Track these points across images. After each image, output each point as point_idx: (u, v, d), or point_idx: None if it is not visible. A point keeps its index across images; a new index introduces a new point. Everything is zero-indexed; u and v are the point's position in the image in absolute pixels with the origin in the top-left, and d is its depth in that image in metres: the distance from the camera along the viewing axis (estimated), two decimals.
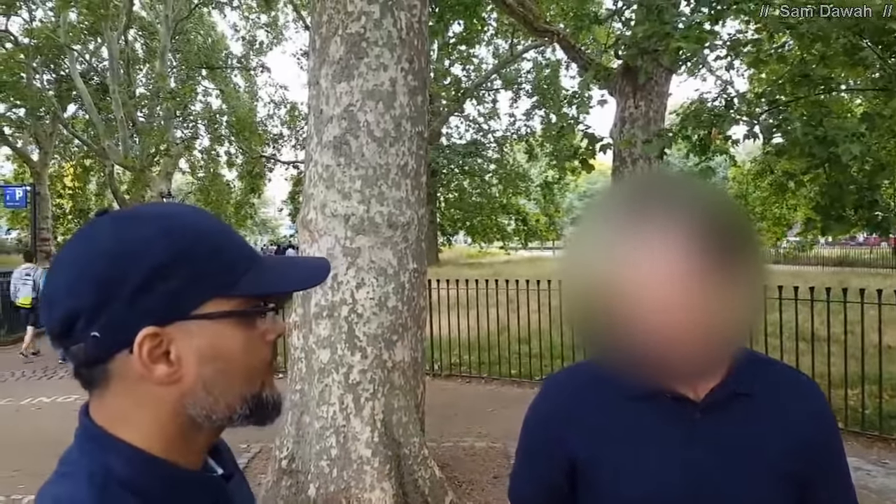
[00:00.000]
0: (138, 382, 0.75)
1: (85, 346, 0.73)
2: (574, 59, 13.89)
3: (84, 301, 0.72)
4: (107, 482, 0.72)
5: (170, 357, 0.74)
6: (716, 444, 1.07)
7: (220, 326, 0.77)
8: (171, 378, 0.75)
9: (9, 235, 42.53)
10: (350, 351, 4.17)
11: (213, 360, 0.76)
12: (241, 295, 0.78)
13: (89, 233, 0.77)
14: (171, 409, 0.76)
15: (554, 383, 1.28)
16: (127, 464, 0.74)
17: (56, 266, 0.76)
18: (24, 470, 5.30)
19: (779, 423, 1.10)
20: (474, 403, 7.28)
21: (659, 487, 1.08)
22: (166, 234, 0.75)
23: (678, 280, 0.92)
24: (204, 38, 29.32)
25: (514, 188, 28.71)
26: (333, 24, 4.29)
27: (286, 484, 4.28)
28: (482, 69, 26.76)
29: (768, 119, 7.43)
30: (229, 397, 0.78)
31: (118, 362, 0.74)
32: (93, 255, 0.74)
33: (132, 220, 0.78)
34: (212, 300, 0.76)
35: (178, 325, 0.74)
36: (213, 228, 0.80)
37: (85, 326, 0.72)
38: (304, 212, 4.46)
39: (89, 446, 0.76)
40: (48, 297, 0.75)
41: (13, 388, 8.82)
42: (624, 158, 11.05)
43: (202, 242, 0.77)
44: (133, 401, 0.76)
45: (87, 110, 23.87)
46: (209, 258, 0.77)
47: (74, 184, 36.06)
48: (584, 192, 45.97)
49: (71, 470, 0.75)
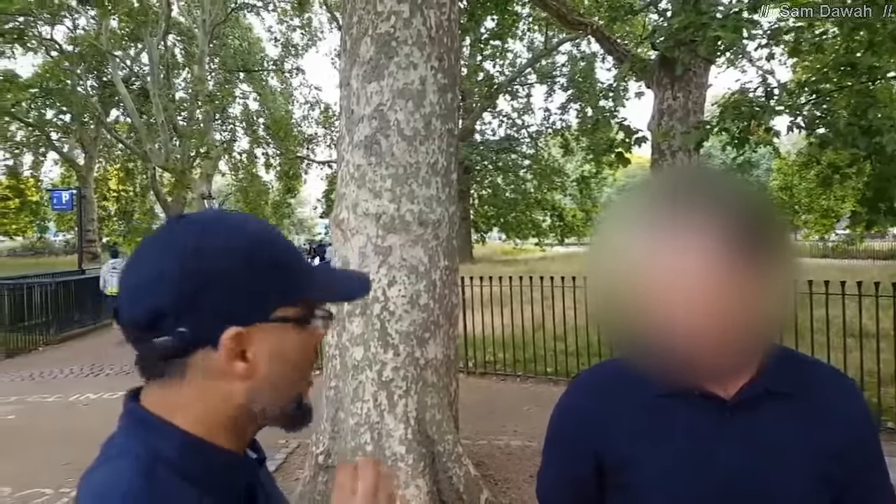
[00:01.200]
0: (213, 377, 0.81)
1: (171, 340, 0.77)
2: (609, 52, 13.75)
3: (174, 298, 0.77)
4: (154, 464, 0.77)
5: (246, 356, 0.81)
6: (748, 442, 1.05)
7: (286, 329, 0.84)
8: (246, 374, 0.81)
9: (57, 237, 43.65)
10: (383, 348, 4.19)
11: (278, 360, 0.83)
12: (307, 301, 0.86)
13: (175, 236, 0.82)
14: (237, 403, 0.83)
15: (580, 382, 1.26)
16: (174, 446, 0.79)
17: (137, 261, 0.81)
18: (73, 464, 5.44)
19: (814, 422, 1.07)
20: (509, 401, 7.25)
21: (689, 486, 1.06)
22: (250, 240, 0.82)
23: (708, 276, 0.91)
24: (240, 42, 29.70)
25: (549, 183, 28.45)
26: (363, 25, 4.31)
27: (323, 479, 4.32)
28: (516, 64, 26.60)
29: (812, 110, 7.26)
30: (285, 396, 0.86)
31: (199, 357, 0.80)
32: (185, 256, 0.78)
33: (224, 226, 0.83)
34: (282, 305, 0.83)
35: (256, 327, 0.81)
36: (280, 237, 0.88)
37: (174, 322, 0.77)
38: (336, 211, 4.49)
39: (137, 430, 0.81)
40: (131, 290, 0.79)
41: (62, 384, 9.06)
42: (663, 151, 10.90)
43: (279, 251, 0.85)
44: (200, 393, 0.81)
45: (130, 115, 24.38)
46: (285, 266, 0.84)
47: (119, 186, 36.91)
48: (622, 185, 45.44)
49: (119, 451, 0.79)
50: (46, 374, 9.86)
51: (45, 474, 5.36)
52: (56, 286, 13.10)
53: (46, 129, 29.37)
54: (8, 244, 40.58)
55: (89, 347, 11.81)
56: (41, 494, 5.01)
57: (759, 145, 8.21)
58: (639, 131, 8.90)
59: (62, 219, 35.75)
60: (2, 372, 10.14)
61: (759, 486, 1.04)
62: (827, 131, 6.82)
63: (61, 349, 12.04)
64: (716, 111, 7.65)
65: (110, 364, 10.17)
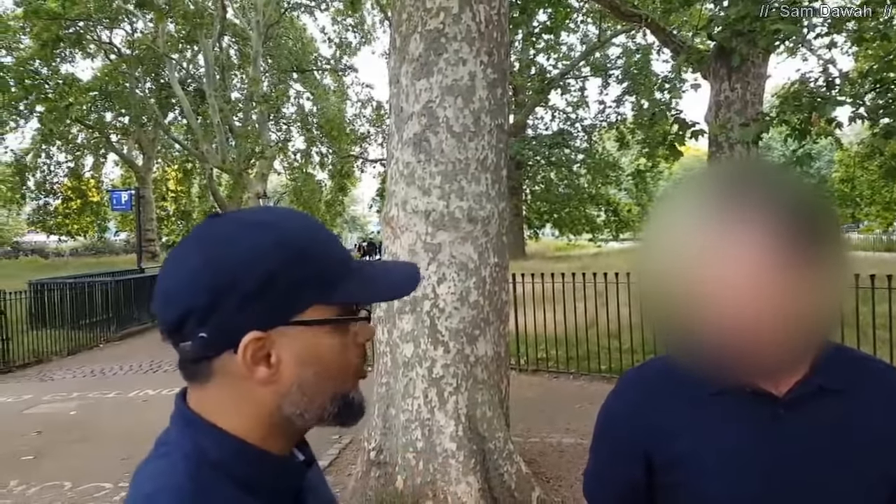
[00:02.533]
0: (239, 381, 0.79)
1: (193, 344, 0.77)
2: (665, 43, 13.52)
3: (198, 302, 0.75)
4: (200, 463, 0.77)
5: (270, 360, 0.78)
6: (801, 441, 1.03)
7: (318, 332, 0.80)
8: (270, 379, 0.79)
9: (117, 237, 44.97)
10: (433, 345, 4.19)
11: (309, 363, 0.80)
12: (337, 303, 0.82)
13: (205, 235, 0.81)
14: (268, 408, 0.81)
15: (629, 380, 1.24)
16: (220, 447, 0.79)
17: (172, 264, 0.80)
18: (131, 459, 5.59)
19: (869, 420, 1.04)
20: (562, 399, 7.19)
21: (741, 485, 1.04)
22: (278, 243, 0.78)
23: (760, 272, 0.88)
24: (294, 42, 30.10)
25: (603, 178, 28.09)
26: (413, 22, 4.31)
27: (375, 475, 4.34)
28: (570, 56, 26.32)
29: (875, 99, 7.01)
30: (322, 398, 0.82)
31: (222, 361, 0.78)
32: (209, 258, 0.77)
33: (245, 225, 0.81)
34: (311, 307, 0.80)
35: (279, 330, 0.78)
36: (318, 237, 0.84)
37: (195, 326, 0.76)
38: (386, 209, 4.51)
39: (186, 429, 0.81)
40: (165, 293, 0.79)
41: (121, 380, 9.32)
42: (721, 144, 10.67)
43: (308, 253, 0.80)
44: (232, 397, 0.80)
45: (186, 116, 24.98)
46: (313, 268, 0.80)
47: (177, 187, 37.86)
48: (678, 179, 44.74)
49: (168, 450, 0.80)
50: (107, 370, 10.15)
51: (105, 469, 5.51)
52: (116, 285, 13.48)
53: (106, 132, 30.29)
54: (70, 244, 41.98)
55: (148, 344, 12.10)
56: (100, 489, 5.15)
57: (821, 136, 7.96)
58: (695, 124, 8.71)
59: (124, 219, 36.83)
60: (64, 368, 10.47)
61: (813, 485, 1.02)
62: (891, 121, 6.56)
63: (121, 346, 12.39)
64: (775, 102, 7.44)
65: (168, 361, 10.41)
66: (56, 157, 33.12)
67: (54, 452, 6.06)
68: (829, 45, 7.97)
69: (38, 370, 10.43)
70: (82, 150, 33.54)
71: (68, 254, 41.05)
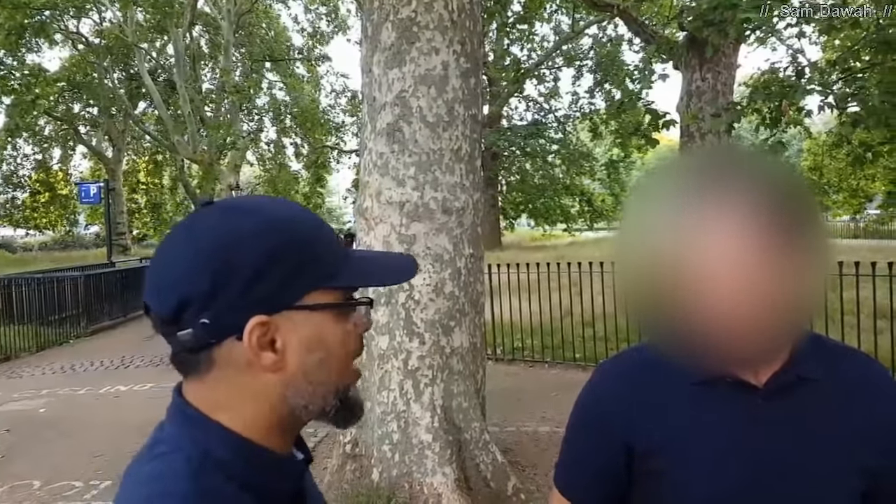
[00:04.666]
0: (243, 369, 0.77)
1: (194, 332, 0.74)
2: (637, 33, 13.57)
3: (197, 288, 0.73)
4: (203, 463, 0.74)
5: (275, 345, 0.76)
6: (780, 430, 1.03)
7: (321, 317, 0.79)
8: (276, 366, 0.77)
9: (87, 231, 44.30)
10: (408, 337, 4.18)
11: (314, 349, 0.79)
12: (340, 287, 0.81)
13: (198, 222, 0.79)
14: (273, 398, 0.79)
15: (606, 370, 1.23)
16: (224, 446, 0.76)
17: (163, 254, 0.78)
18: (103, 456, 5.52)
19: (846, 409, 1.05)
20: (538, 388, 7.22)
21: (722, 475, 1.03)
22: (276, 225, 0.77)
23: (740, 259, 0.88)
24: (267, 31, 29.78)
25: (577, 168, 28.22)
26: (384, 10, 4.27)
27: (350, 468, 4.33)
28: (543, 47, 26.34)
29: (843, 88, 7.10)
30: (326, 388, 0.81)
31: (224, 349, 0.76)
32: (205, 243, 0.75)
33: (242, 210, 0.80)
34: (314, 291, 0.78)
35: (284, 315, 0.76)
36: (314, 222, 0.83)
37: (196, 313, 0.74)
38: (360, 200, 4.48)
39: (187, 427, 0.78)
40: (157, 284, 0.76)
41: (92, 377, 9.18)
42: (692, 133, 10.76)
43: (308, 235, 0.80)
44: (235, 388, 0.78)
45: (157, 107, 24.66)
46: (313, 250, 0.79)
47: (148, 179, 37.36)
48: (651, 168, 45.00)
49: (167, 450, 0.76)
50: (77, 366, 9.99)
51: (75, 467, 5.42)
52: (86, 279, 13.27)
53: (74, 123, 29.79)
54: (39, 238, 41.27)
55: (119, 340, 11.96)
56: (71, 487, 5.07)
57: (790, 125, 8.05)
58: (666, 114, 8.76)
59: (93, 212, 36.27)
60: (33, 365, 10.30)
61: (793, 474, 1.02)
62: (859, 109, 6.65)
63: (91, 342, 12.20)
64: (745, 92, 7.51)
65: (140, 356, 10.30)
66: (23, 150, 32.53)
67: (24, 451, 5.96)
68: (798, 34, 8.06)
69: (6, 367, 10.25)
70: (50, 143, 32.96)
71: (37, 248, 40.37)
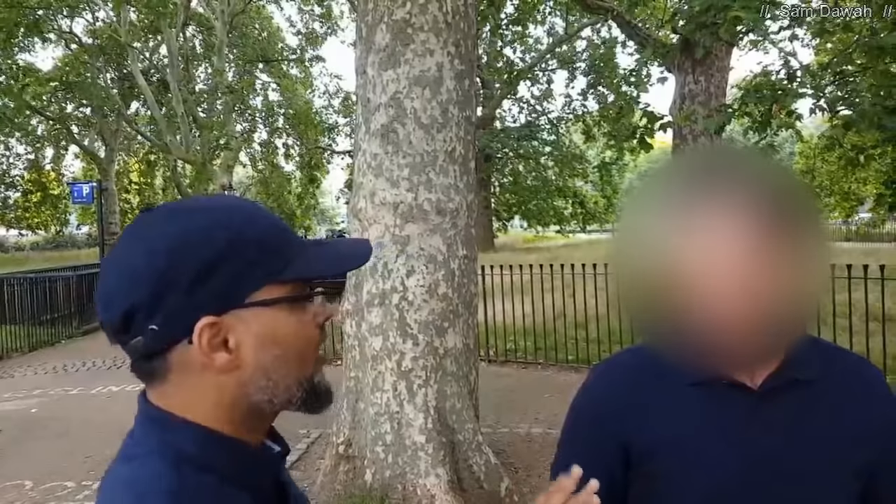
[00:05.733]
0: (199, 372, 0.76)
1: (144, 339, 0.74)
2: (630, 36, 13.60)
3: (141, 295, 0.73)
4: (178, 461, 0.74)
5: (228, 345, 0.76)
6: (775, 432, 1.03)
7: (274, 312, 0.78)
8: (231, 365, 0.76)
9: (79, 230, 44.07)
10: (402, 338, 4.18)
11: (269, 345, 0.78)
12: (291, 280, 0.80)
13: (139, 229, 0.78)
14: (233, 396, 0.78)
15: (602, 372, 1.24)
16: (195, 443, 0.76)
17: (110, 264, 0.78)
18: (95, 457, 5.50)
19: (841, 410, 1.06)
20: (531, 389, 7.23)
21: (717, 477, 1.04)
22: (216, 224, 0.77)
23: (737, 260, 0.88)
24: (259, 32, 29.70)
25: (570, 170, 28.28)
26: (379, 12, 4.27)
27: (344, 469, 4.33)
28: (537, 49, 26.38)
29: (835, 91, 7.13)
30: (287, 381, 0.80)
31: (178, 353, 0.76)
32: (146, 250, 0.75)
33: (181, 213, 0.79)
34: (264, 287, 0.78)
35: (234, 314, 0.76)
36: (259, 217, 0.81)
37: (144, 320, 0.73)
38: (354, 201, 4.47)
39: (154, 428, 0.78)
40: (105, 295, 0.76)
41: (84, 377, 9.15)
42: (685, 136, 10.80)
43: (251, 231, 0.78)
44: (195, 389, 0.77)
45: (150, 107, 24.50)
46: (259, 246, 0.78)
47: (140, 179, 37.19)
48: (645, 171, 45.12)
49: (139, 452, 0.76)
50: (69, 366, 9.95)
51: (67, 467, 5.41)
52: (78, 279, 13.21)
53: (67, 123, 29.62)
54: (31, 238, 41.05)
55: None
56: (63, 488, 5.05)
57: (781, 128, 8.08)
58: (663, 116, 8.79)
59: (85, 212, 36.09)
60: (24, 365, 10.25)
61: (788, 475, 1.03)
62: (851, 112, 6.68)
63: (83, 342, 12.13)
64: (737, 94, 7.53)
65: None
66: (15, 149, 32.36)
67: (15, 451, 5.93)
68: (790, 37, 8.10)
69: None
70: (42, 142, 32.77)
71: (29, 248, 40.18)
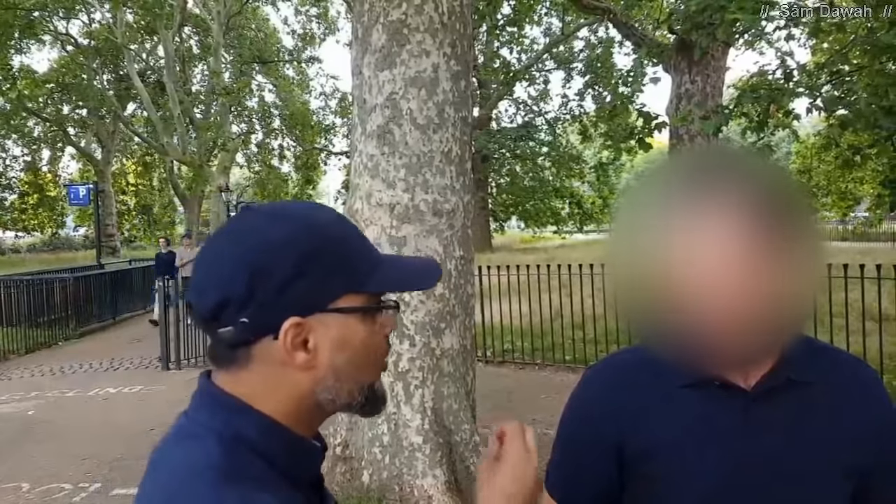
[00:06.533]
0: (277, 366, 0.81)
1: (234, 330, 0.79)
2: (627, 36, 13.64)
3: (236, 289, 0.78)
4: (236, 444, 0.78)
5: (308, 346, 0.80)
6: (770, 433, 1.03)
7: (350, 320, 0.83)
8: (307, 364, 0.81)
9: (76, 232, 44.02)
10: (398, 339, 4.18)
11: (343, 350, 0.83)
12: (369, 292, 0.85)
13: (238, 226, 0.84)
14: (303, 393, 0.83)
15: (596, 373, 1.23)
16: (255, 428, 0.80)
17: (205, 256, 0.83)
18: (92, 458, 5.49)
19: (836, 411, 1.05)
20: (528, 390, 7.22)
21: (711, 478, 1.03)
22: (311, 230, 0.82)
23: (732, 260, 0.88)
24: (256, 33, 29.70)
25: (567, 171, 28.30)
26: (375, 12, 4.27)
27: (341, 470, 4.33)
28: (533, 49, 26.41)
29: (831, 91, 7.14)
30: (352, 385, 0.85)
31: (261, 346, 0.80)
32: (244, 247, 0.80)
33: (279, 216, 0.84)
34: (345, 295, 0.83)
35: (316, 317, 0.81)
36: (347, 227, 0.88)
37: (235, 312, 0.78)
38: (350, 202, 4.47)
39: (220, 409, 0.81)
40: (199, 285, 0.81)
41: (81, 379, 9.12)
42: (681, 136, 10.82)
43: (340, 240, 0.84)
44: (268, 381, 0.82)
45: (146, 108, 24.54)
46: (345, 255, 0.84)
47: (137, 181, 37.18)
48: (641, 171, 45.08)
49: (200, 431, 0.80)
50: (66, 368, 9.91)
51: (64, 469, 5.39)
52: (75, 281, 13.18)
53: (63, 124, 29.60)
54: (28, 240, 40.99)
55: (108, 342, 11.88)
56: (60, 489, 5.03)
57: (778, 128, 8.10)
58: (658, 116, 8.80)
59: (82, 213, 36.06)
60: (21, 367, 10.21)
61: (783, 477, 1.02)
62: (847, 112, 6.70)
63: (80, 344, 12.11)
64: (733, 94, 7.54)
65: (129, 358, 10.25)
66: (12, 151, 32.35)
67: (12, 453, 5.91)
68: (786, 37, 8.11)
69: None
70: (39, 144, 32.76)
71: (25, 250, 40.09)
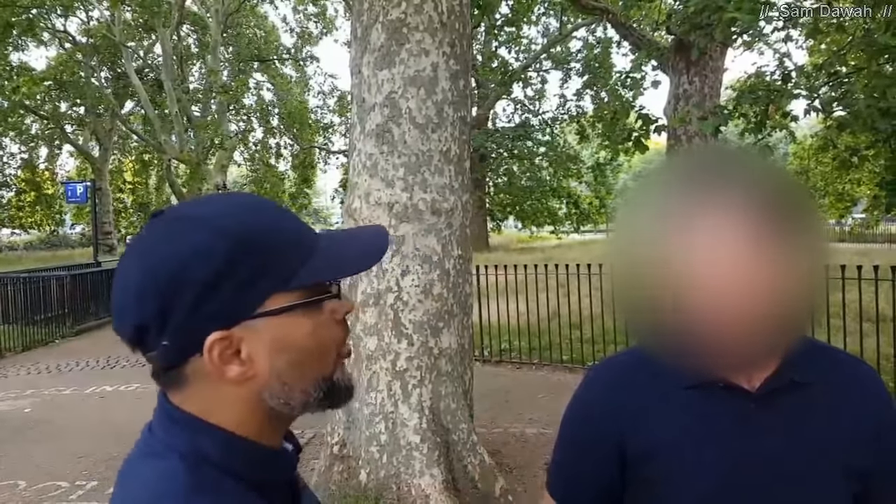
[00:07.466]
0: (215, 382, 0.76)
1: (158, 354, 0.74)
2: (625, 37, 13.64)
3: (148, 313, 0.72)
4: (198, 461, 0.74)
5: (241, 356, 0.75)
6: (773, 435, 1.03)
7: (286, 319, 0.76)
8: (244, 376, 0.75)
9: (73, 230, 43.95)
10: (396, 338, 4.18)
11: (283, 352, 0.77)
12: (301, 287, 0.78)
13: (146, 240, 0.76)
14: (252, 403, 0.78)
15: (597, 375, 1.23)
16: (216, 444, 0.76)
17: (119, 278, 0.76)
18: (89, 456, 5.49)
19: (838, 413, 1.05)
20: (525, 389, 7.23)
21: (714, 480, 1.04)
22: (220, 236, 0.73)
23: (733, 261, 0.88)
24: (254, 31, 29.66)
25: (564, 171, 28.30)
26: (374, 11, 4.27)
27: (338, 469, 4.32)
28: (531, 49, 26.42)
29: (829, 92, 7.15)
30: (303, 384, 0.79)
31: (193, 365, 0.75)
32: (149, 264, 0.73)
33: (182, 224, 0.76)
34: (273, 295, 0.76)
35: (244, 325, 0.74)
36: (265, 222, 0.78)
37: (156, 336, 0.73)
38: (349, 201, 4.47)
39: (176, 428, 0.77)
40: (117, 309, 0.76)
41: (77, 377, 9.11)
42: (679, 137, 10.82)
43: (256, 239, 0.75)
44: (213, 397, 0.77)
45: (144, 106, 24.46)
46: (267, 252, 0.75)
47: (134, 179, 37.12)
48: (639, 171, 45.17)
49: (159, 450, 0.76)
50: (62, 366, 9.89)
51: (61, 467, 5.39)
52: (72, 279, 13.15)
53: (61, 122, 29.53)
54: (25, 238, 40.92)
55: (105, 340, 11.83)
56: (57, 487, 5.03)
57: (776, 129, 8.11)
58: (658, 119, 8.80)
59: (79, 211, 36.01)
60: (18, 365, 10.20)
61: (785, 478, 1.02)
62: (845, 113, 6.71)
63: (77, 342, 12.09)
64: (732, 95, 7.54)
65: (126, 356, 10.20)
66: (9, 149, 32.27)
67: (8, 451, 5.90)
68: (784, 38, 8.13)
69: None
70: (36, 141, 32.67)
71: (22, 248, 40.02)
